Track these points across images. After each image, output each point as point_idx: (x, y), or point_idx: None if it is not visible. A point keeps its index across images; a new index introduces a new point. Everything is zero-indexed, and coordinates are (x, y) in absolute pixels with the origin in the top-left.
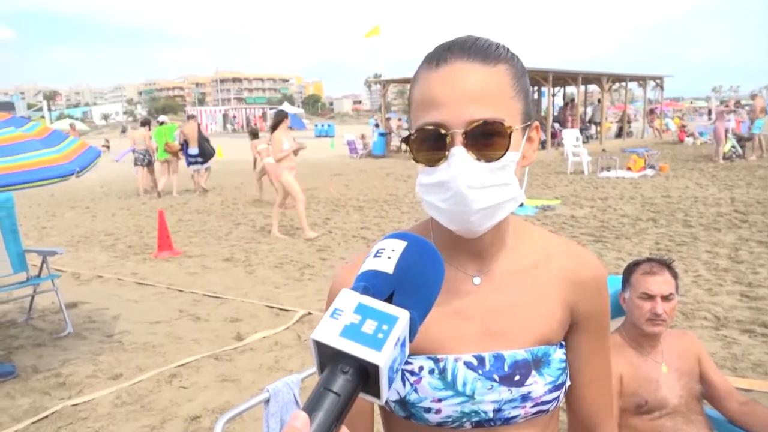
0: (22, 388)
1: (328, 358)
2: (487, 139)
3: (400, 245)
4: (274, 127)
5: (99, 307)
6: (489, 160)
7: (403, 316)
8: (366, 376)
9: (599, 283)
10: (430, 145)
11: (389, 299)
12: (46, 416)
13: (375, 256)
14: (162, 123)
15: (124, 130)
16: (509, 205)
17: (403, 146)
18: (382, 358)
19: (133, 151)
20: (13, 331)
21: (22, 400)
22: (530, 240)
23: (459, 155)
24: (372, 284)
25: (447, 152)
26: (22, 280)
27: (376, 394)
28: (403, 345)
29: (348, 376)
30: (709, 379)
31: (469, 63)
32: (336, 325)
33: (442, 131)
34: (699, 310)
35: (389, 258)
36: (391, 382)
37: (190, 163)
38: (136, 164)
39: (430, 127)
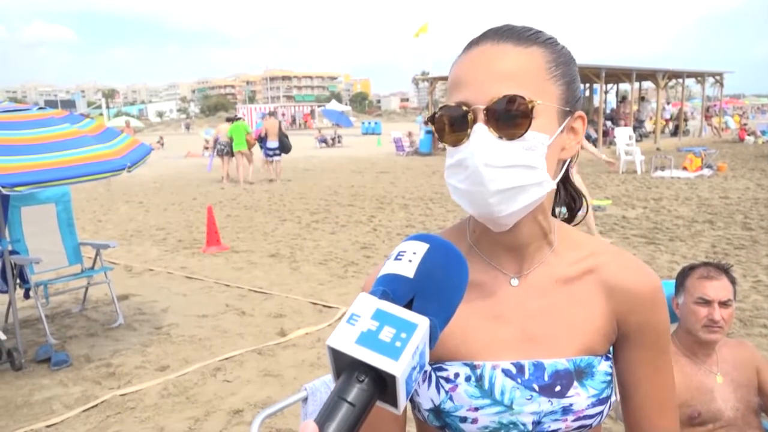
0: (75, 377)
1: (344, 365)
2: (509, 116)
3: (422, 248)
4: None
5: (149, 299)
6: (511, 138)
7: (422, 323)
8: (383, 385)
9: (653, 295)
10: (453, 124)
11: (409, 305)
12: (96, 405)
13: (395, 258)
14: (238, 119)
15: (188, 127)
16: (534, 190)
17: None
18: (399, 368)
19: (216, 142)
20: (68, 320)
21: (74, 389)
22: (578, 247)
23: (479, 132)
24: (391, 289)
25: (469, 130)
26: (77, 271)
27: (394, 403)
28: (422, 353)
29: (363, 386)
30: None
31: (500, 44)
32: (352, 332)
33: (464, 108)
34: (758, 317)
35: (410, 261)
36: (409, 391)
37: (267, 155)
38: (218, 154)
39: (452, 104)
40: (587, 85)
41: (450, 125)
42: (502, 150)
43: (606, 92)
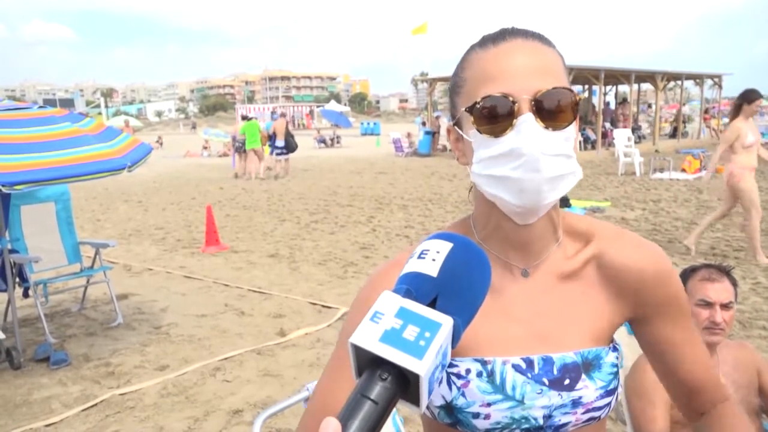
0: (74, 376)
1: (366, 362)
2: (554, 108)
3: (446, 247)
4: (735, 112)
5: (148, 299)
6: (556, 128)
7: (446, 322)
8: (405, 384)
9: (663, 272)
10: (494, 114)
11: (432, 304)
12: (95, 404)
13: (419, 257)
14: (249, 119)
15: (194, 126)
16: (570, 179)
17: (448, 145)
18: (423, 366)
19: (233, 139)
20: (67, 320)
21: (73, 388)
22: (579, 236)
23: (529, 122)
24: (415, 287)
25: (514, 120)
26: (77, 270)
27: (415, 401)
28: (445, 353)
29: (386, 384)
30: None
31: (531, 41)
32: (376, 330)
33: (510, 99)
34: (757, 319)
35: (434, 260)
36: (431, 390)
37: (276, 153)
38: (236, 152)
39: (497, 94)
40: (586, 86)
41: (491, 116)
42: (550, 139)
43: (605, 94)
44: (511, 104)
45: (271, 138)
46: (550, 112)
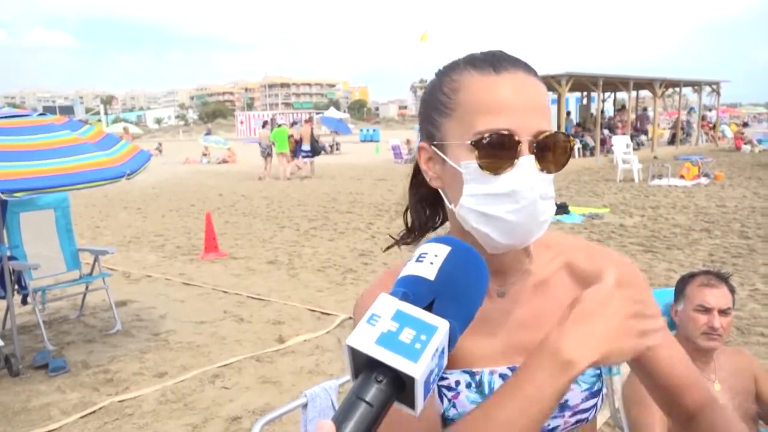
0: (72, 383)
1: (362, 364)
2: (552, 151)
3: (444, 250)
4: None
5: (147, 305)
6: (550, 171)
7: (442, 326)
8: (401, 386)
9: (631, 277)
10: (497, 151)
11: (429, 307)
12: (94, 411)
13: (417, 260)
14: (280, 125)
15: (209, 133)
16: (550, 218)
17: None
18: (418, 370)
19: (259, 144)
20: (65, 327)
21: (72, 395)
22: (549, 247)
23: (529, 165)
24: (412, 290)
25: (516, 160)
26: (76, 277)
27: (411, 404)
28: (441, 356)
29: (382, 386)
30: (765, 400)
31: (530, 75)
32: (372, 332)
33: (516, 138)
34: (755, 325)
35: (431, 264)
36: (427, 393)
37: (302, 156)
38: (261, 155)
39: (505, 132)
40: (584, 93)
41: (493, 152)
42: (544, 183)
43: (603, 101)
44: (516, 143)
45: (298, 143)
46: (549, 155)
